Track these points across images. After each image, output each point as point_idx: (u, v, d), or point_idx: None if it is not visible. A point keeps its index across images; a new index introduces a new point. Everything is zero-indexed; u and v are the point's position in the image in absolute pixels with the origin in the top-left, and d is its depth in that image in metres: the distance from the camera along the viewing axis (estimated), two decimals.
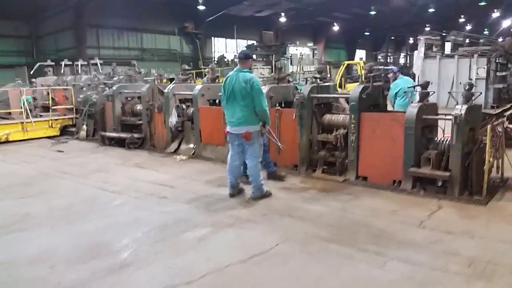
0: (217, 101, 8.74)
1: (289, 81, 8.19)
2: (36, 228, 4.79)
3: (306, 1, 29.01)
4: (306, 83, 7.48)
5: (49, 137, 12.00)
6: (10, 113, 12.97)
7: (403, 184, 6.01)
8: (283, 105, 7.76)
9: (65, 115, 13.09)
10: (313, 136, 6.99)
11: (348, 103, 7.72)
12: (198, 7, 26.30)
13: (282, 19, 31.58)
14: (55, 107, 12.92)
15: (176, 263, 3.81)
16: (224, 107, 5.77)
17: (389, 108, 7.75)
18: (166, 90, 9.21)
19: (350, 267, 3.67)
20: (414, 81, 18.97)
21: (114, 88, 10.50)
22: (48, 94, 14.31)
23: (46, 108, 13.80)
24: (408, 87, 6.90)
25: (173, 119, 9.04)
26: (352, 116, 6.42)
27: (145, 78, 11.80)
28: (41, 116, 12.99)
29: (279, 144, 6.51)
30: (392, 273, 3.54)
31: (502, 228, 4.47)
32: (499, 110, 9.54)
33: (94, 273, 3.65)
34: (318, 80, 7.05)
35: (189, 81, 9.90)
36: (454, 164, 5.58)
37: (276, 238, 4.28)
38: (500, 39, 25.03)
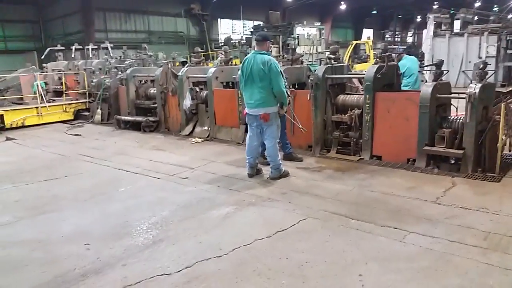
0: (230, 83, 8.87)
1: (302, 62, 8.27)
2: (66, 209, 5.01)
3: None
4: (320, 64, 7.56)
5: (63, 122, 12.21)
6: (21, 98, 13.15)
7: (417, 162, 6.15)
8: (296, 86, 7.87)
9: (77, 99, 13.25)
10: (327, 116, 7.11)
11: (361, 83, 7.85)
12: None
13: None
14: (70, 91, 13.08)
15: (205, 238, 4.01)
16: (242, 89, 5.89)
17: None
18: (180, 73, 9.33)
19: (371, 241, 3.85)
20: (423, 60, 18.96)
21: (128, 72, 10.64)
22: (59, 79, 14.54)
23: (57, 93, 14.03)
24: (421, 67, 6.97)
25: (187, 102, 9.18)
26: (367, 96, 6.52)
27: (158, 62, 11.90)
28: (53, 100, 13.18)
29: (301, 127, 6.57)
30: (412, 245, 3.72)
31: None
32: (510, 88, 9.57)
33: (128, 249, 3.86)
34: (332, 61, 7.13)
35: (201, 63, 9.99)
36: (468, 142, 5.70)
37: (297, 215, 4.46)
38: (510, 16, 24.74)
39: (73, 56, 15.62)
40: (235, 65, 10.89)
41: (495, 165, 5.56)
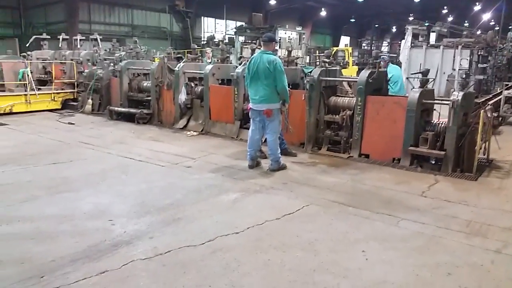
0: (225, 80, 9.27)
1: (296, 64, 8.75)
2: (81, 189, 5.29)
3: None
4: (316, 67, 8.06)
5: (50, 110, 12.28)
6: (2, 85, 12.88)
7: (402, 161, 6.72)
8: (291, 87, 8.32)
9: (62, 89, 13.31)
10: (320, 116, 7.60)
11: (350, 86, 8.41)
12: None
13: (272, 2, 31.87)
14: (57, 81, 13.11)
15: (221, 218, 4.41)
16: (247, 85, 6.32)
17: None
18: (176, 68, 9.63)
19: (369, 225, 4.35)
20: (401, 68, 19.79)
21: (122, 64, 10.84)
22: (43, 67, 14.54)
23: (40, 82, 13.99)
24: (411, 74, 7.57)
25: (182, 97, 9.51)
26: (359, 98, 7.05)
27: (153, 56, 12.15)
28: (39, 89, 13.17)
29: (290, 127, 7.07)
30: (405, 229, 4.24)
31: (491, 198, 5.23)
32: (483, 99, 10.34)
33: (151, 225, 4.22)
34: (327, 64, 7.64)
35: (197, 60, 10.32)
36: (449, 144, 6.30)
37: (300, 202, 4.92)
38: (478, 32, 26.16)
39: (60, 45, 15.57)
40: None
41: (473, 166, 6.18)
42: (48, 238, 3.90)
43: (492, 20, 36.42)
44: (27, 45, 16.62)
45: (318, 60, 19.82)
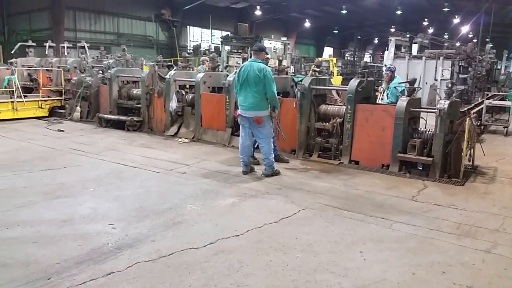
0: (216, 88, 9.39)
1: (287, 73, 8.94)
2: (78, 195, 5.32)
3: None
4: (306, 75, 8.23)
5: (37, 118, 12.18)
6: None
7: (391, 167, 6.91)
8: (281, 95, 8.50)
9: (48, 96, 13.23)
10: (310, 123, 7.77)
11: (339, 95, 8.62)
12: None
13: (257, 12, 32.25)
14: (44, 88, 13.03)
15: (220, 222, 4.50)
16: (237, 92, 6.46)
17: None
18: (167, 76, 9.71)
19: (364, 227, 4.49)
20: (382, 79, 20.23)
21: (112, 71, 10.86)
22: (29, 75, 14.46)
23: (26, 89, 13.87)
24: (399, 83, 7.83)
25: (173, 104, 9.58)
26: (349, 106, 7.24)
27: (144, 64, 12.19)
28: (25, 96, 13.07)
29: (283, 135, 7.24)
30: (399, 231, 4.40)
31: (478, 202, 5.44)
32: (466, 108, 10.69)
33: (152, 228, 4.28)
34: (317, 73, 7.84)
35: (188, 68, 10.41)
36: (436, 151, 6.52)
37: (296, 206, 5.04)
38: (458, 44, 26.89)
39: (46, 53, 15.47)
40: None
41: (459, 172, 6.41)
42: (50, 242, 3.93)
43: (471, 33, 37.48)
44: (12, 52, 16.45)
45: (303, 69, 20.15)
